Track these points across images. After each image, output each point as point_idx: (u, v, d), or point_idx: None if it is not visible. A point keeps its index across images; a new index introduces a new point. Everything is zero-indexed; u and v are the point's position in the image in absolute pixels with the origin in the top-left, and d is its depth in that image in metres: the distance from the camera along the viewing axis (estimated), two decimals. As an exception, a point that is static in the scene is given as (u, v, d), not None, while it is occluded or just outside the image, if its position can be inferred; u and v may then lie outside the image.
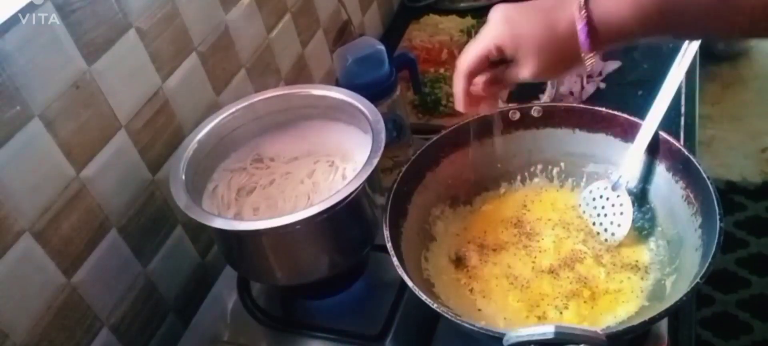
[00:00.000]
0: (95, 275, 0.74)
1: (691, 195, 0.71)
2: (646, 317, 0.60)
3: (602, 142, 0.80)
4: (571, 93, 1.12)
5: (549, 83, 0.80)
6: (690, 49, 0.74)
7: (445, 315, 0.63)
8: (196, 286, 0.89)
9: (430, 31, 1.36)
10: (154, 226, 0.82)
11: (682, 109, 1.04)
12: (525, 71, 0.64)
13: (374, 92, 0.84)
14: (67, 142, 0.69)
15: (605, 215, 0.78)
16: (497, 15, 0.65)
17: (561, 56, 0.62)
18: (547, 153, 0.84)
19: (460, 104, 0.70)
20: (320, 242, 0.73)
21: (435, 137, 0.81)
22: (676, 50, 0.75)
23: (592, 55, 0.60)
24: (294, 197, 0.77)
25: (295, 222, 0.66)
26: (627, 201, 0.76)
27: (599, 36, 0.59)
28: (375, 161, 0.69)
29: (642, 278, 0.73)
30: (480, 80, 0.68)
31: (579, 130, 0.81)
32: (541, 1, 0.63)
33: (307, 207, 0.68)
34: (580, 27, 0.59)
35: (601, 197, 0.79)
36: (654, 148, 0.76)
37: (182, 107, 0.85)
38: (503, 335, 0.57)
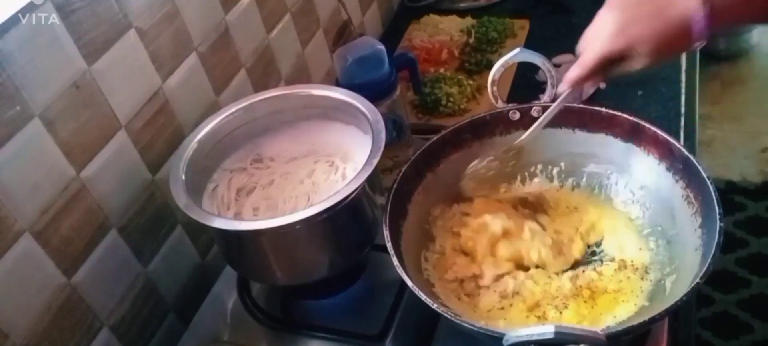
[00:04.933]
0: (95, 275, 0.74)
1: (691, 195, 0.71)
2: (646, 317, 0.60)
3: (602, 142, 0.80)
4: (571, 93, 1.12)
5: (549, 83, 0.80)
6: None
7: (445, 315, 0.63)
8: (196, 286, 0.89)
9: (430, 31, 1.36)
10: (154, 226, 0.82)
11: (682, 109, 1.04)
12: (637, 66, 0.69)
13: (374, 92, 0.84)
14: (67, 142, 0.69)
15: None
16: (610, 19, 0.69)
17: (672, 48, 0.68)
18: (547, 153, 0.84)
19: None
20: (320, 242, 0.73)
21: (435, 137, 0.81)
22: (675, 50, 0.75)
23: (703, 41, 0.65)
24: (294, 197, 0.77)
25: (295, 222, 0.66)
26: None
27: (712, 24, 0.64)
28: (375, 161, 0.69)
29: (642, 278, 0.73)
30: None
31: (579, 130, 0.81)
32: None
33: (307, 207, 0.68)
34: (699, 18, 0.63)
35: None
36: (654, 148, 0.76)
37: (182, 107, 0.85)
38: (503, 335, 0.57)
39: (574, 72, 0.72)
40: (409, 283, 0.65)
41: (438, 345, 0.74)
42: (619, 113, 0.78)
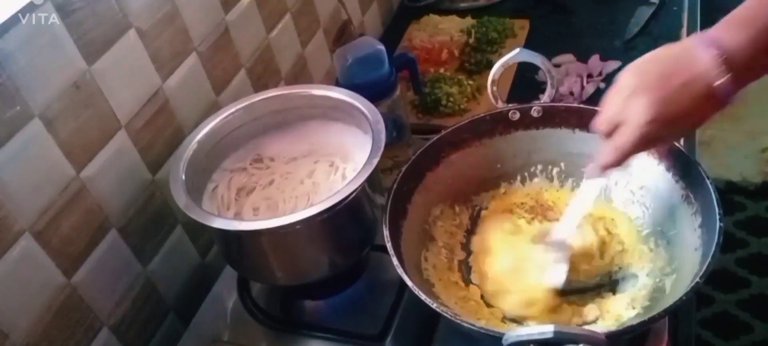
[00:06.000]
0: (95, 275, 0.74)
1: (691, 195, 0.71)
2: (646, 317, 0.60)
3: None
4: (571, 93, 1.12)
5: (548, 83, 0.80)
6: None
7: (445, 315, 0.63)
8: (196, 286, 0.89)
9: (430, 31, 1.36)
10: (154, 226, 0.82)
11: (682, 109, 1.04)
12: (667, 143, 0.71)
13: (374, 92, 0.84)
14: (67, 142, 0.69)
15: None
16: (641, 103, 0.61)
17: (702, 120, 0.63)
18: (547, 153, 0.84)
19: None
20: (320, 242, 0.73)
21: (435, 137, 0.81)
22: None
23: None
24: (294, 197, 0.77)
25: (295, 222, 0.66)
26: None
27: (737, 86, 0.60)
28: (375, 161, 0.69)
29: (642, 278, 0.73)
30: None
31: (579, 130, 0.81)
32: (665, 66, 0.62)
33: (307, 207, 0.68)
34: (722, 86, 0.60)
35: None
36: (654, 149, 0.76)
37: (182, 107, 0.85)
38: (502, 334, 0.57)
39: (609, 157, 0.66)
40: (409, 283, 0.65)
41: (438, 345, 0.74)
42: (619, 113, 0.77)
